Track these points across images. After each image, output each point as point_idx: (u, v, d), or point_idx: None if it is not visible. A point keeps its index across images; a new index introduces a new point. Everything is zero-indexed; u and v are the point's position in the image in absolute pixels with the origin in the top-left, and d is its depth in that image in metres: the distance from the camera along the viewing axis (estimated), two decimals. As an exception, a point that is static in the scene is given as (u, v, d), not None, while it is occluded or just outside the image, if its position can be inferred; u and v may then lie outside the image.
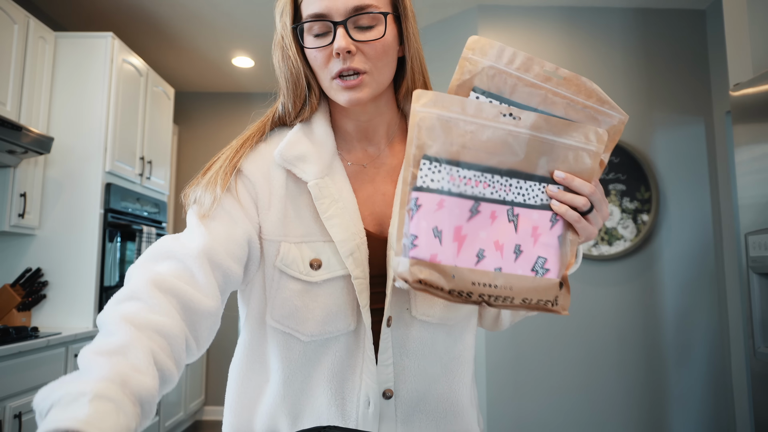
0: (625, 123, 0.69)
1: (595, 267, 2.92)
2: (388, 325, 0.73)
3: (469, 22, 3.13)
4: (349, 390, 0.74)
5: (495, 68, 0.65)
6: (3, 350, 1.99)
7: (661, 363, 2.87)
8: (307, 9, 0.72)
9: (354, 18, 0.70)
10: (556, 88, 0.66)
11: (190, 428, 4.09)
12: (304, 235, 0.73)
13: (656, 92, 3.06)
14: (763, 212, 1.62)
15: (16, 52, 2.50)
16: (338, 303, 0.73)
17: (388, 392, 0.73)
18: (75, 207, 2.75)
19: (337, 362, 0.74)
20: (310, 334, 0.73)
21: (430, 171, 0.61)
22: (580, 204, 0.65)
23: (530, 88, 0.66)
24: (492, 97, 0.66)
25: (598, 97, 0.67)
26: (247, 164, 0.76)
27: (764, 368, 1.61)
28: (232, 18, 3.35)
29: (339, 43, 0.69)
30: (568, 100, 0.66)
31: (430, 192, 0.61)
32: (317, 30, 0.71)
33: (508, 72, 0.65)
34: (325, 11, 0.70)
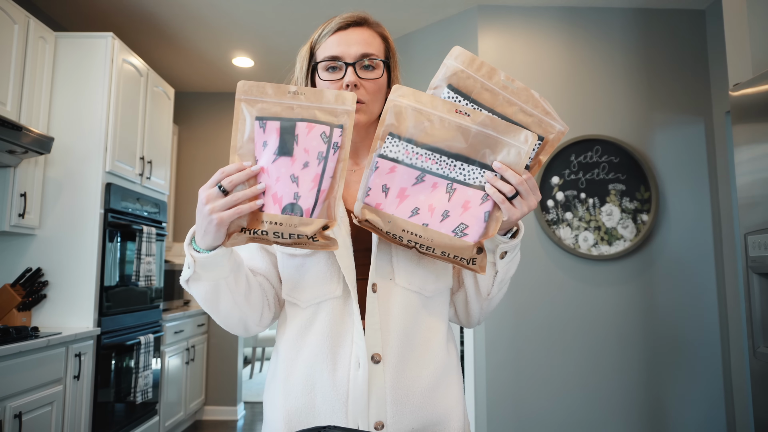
0: (565, 133, 0.83)
1: (595, 267, 2.92)
2: (374, 291, 0.88)
3: (469, 22, 3.13)
4: (342, 352, 0.87)
5: (466, 72, 0.83)
6: (3, 350, 1.99)
7: (661, 363, 2.87)
8: (325, 52, 0.94)
9: (360, 61, 0.93)
10: (511, 95, 0.82)
11: (190, 428, 4.09)
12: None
13: (656, 92, 3.06)
14: (763, 212, 1.62)
15: (16, 52, 2.50)
16: (324, 270, 0.90)
17: (376, 356, 0.86)
18: (75, 207, 2.75)
19: (330, 325, 0.88)
20: (306, 300, 0.91)
21: (391, 144, 0.80)
22: (506, 190, 0.80)
23: (490, 92, 0.83)
24: (460, 95, 0.83)
25: (543, 108, 0.82)
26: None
27: (764, 368, 1.61)
28: (232, 18, 3.35)
29: (349, 77, 0.91)
30: (519, 106, 0.82)
31: (387, 159, 0.81)
32: (331, 67, 0.93)
33: (475, 77, 0.83)
34: (340, 54, 0.93)
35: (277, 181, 0.77)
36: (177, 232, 4.53)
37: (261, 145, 0.78)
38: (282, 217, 0.78)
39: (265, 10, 3.24)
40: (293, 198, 0.78)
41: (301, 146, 0.77)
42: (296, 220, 0.78)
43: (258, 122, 0.78)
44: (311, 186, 0.78)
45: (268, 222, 0.78)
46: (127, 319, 3.01)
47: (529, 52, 3.09)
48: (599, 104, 3.05)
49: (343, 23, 0.94)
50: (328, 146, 0.78)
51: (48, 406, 2.28)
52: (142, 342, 3.06)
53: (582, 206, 2.94)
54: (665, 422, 2.83)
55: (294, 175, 0.77)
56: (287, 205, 0.78)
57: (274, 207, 0.78)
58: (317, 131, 0.78)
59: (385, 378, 0.86)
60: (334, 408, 0.85)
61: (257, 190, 0.77)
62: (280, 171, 0.77)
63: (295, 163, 0.77)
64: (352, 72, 0.91)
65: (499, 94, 0.82)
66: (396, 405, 0.86)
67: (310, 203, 0.78)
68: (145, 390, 3.10)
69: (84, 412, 2.56)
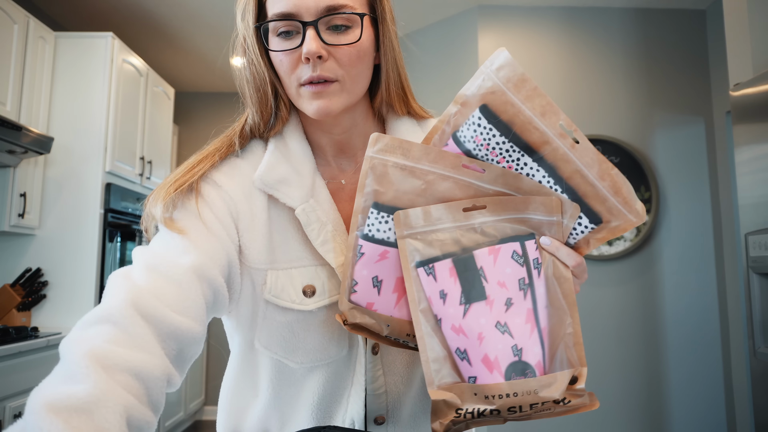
0: (636, 225, 0.61)
1: (595, 267, 2.92)
2: (375, 353, 0.69)
3: (469, 22, 3.13)
4: (335, 414, 0.70)
5: (507, 96, 0.56)
6: (3, 350, 1.99)
7: (661, 363, 2.86)
8: (273, 7, 0.63)
9: (326, 18, 0.61)
10: (569, 150, 0.56)
11: (190, 428, 4.09)
12: (294, 260, 0.67)
13: (656, 92, 3.05)
14: (763, 212, 1.62)
15: (16, 52, 2.50)
16: (332, 330, 0.67)
17: (379, 419, 0.70)
18: (75, 207, 2.75)
19: (326, 387, 0.69)
20: (301, 361, 0.68)
21: (376, 220, 0.59)
22: None
23: (539, 133, 0.56)
24: (496, 125, 0.56)
25: (613, 183, 0.56)
26: (222, 177, 0.67)
27: (764, 368, 1.61)
28: (232, 18, 3.34)
29: (309, 46, 0.60)
30: (577, 168, 0.56)
31: (374, 242, 0.59)
32: (284, 29, 0.63)
33: (520, 107, 0.56)
34: (294, 10, 0.61)
35: (481, 340, 0.56)
36: (177, 232, 4.53)
37: (438, 299, 0.57)
38: (511, 386, 0.55)
39: (265, 10, 3.24)
40: (513, 354, 0.56)
41: (493, 281, 0.57)
42: (533, 384, 0.55)
43: (422, 270, 0.58)
44: (529, 329, 0.56)
45: (495, 396, 0.55)
46: (127, 319, 3.01)
47: (529, 52, 3.09)
48: (599, 104, 3.05)
49: None
50: (527, 268, 0.57)
51: (48, 406, 2.28)
52: (142, 342, 3.05)
53: (582, 206, 2.94)
54: (665, 422, 2.83)
55: (500, 322, 0.56)
56: (510, 366, 0.55)
57: (493, 375, 0.55)
58: (505, 253, 0.57)
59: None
60: None
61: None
62: (479, 323, 0.56)
63: (494, 306, 0.56)
64: (313, 36, 0.60)
65: (551, 140, 0.56)
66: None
67: (539, 353, 0.56)
68: (145, 390, 3.09)
69: (84, 412, 2.55)
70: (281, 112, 0.70)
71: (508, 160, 0.58)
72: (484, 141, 0.57)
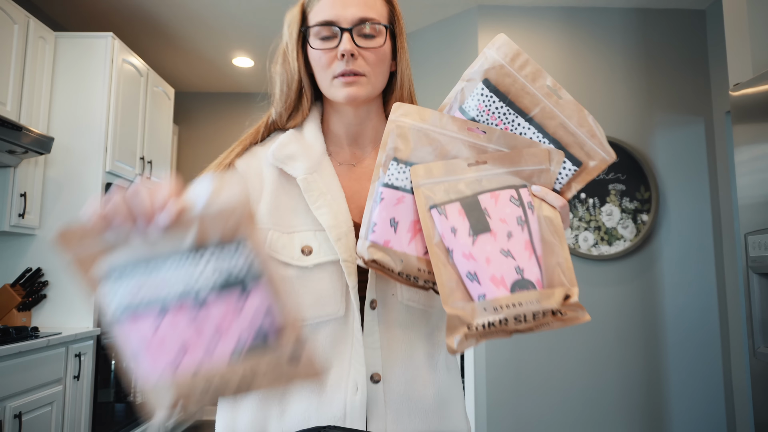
0: (609, 163, 0.72)
1: (595, 267, 2.92)
2: (372, 308, 0.78)
3: (469, 22, 3.14)
4: (337, 376, 0.76)
5: (506, 69, 0.71)
6: (3, 350, 1.99)
7: (661, 363, 2.87)
8: (317, 16, 0.80)
9: (359, 27, 0.79)
10: (554, 106, 0.71)
11: (190, 428, 4.09)
12: (295, 226, 0.79)
13: (656, 92, 3.06)
14: (763, 212, 1.62)
15: (16, 52, 2.50)
16: (328, 287, 0.77)
17: (375, 376, 0.77)
18: (75, 207, 2.75)
19: (326, 348, 0.76)
20: (302, 319, 0.75)
21: (396, 171, 0.71)
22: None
23: (531, 98, 0.71)
24: (496, 94, 0.72)
25: (590, 128, 0.71)
26: (240, 162, 0.85)
27: (764, 368, 1.62)
28: (232, 18, 3.35)
29: (345, 45, 0.78)
30: (561, 121, 0.71)
31: (393, 188, 0.71)
32: (325, 34, 0.80)
33: (516, 76, 0.71)
34: (334, 18, 0.79)
35: (488, 263, 0.66)
36: (177, 232, 4.53)
37: (450, 234, 0.68)
38: (517, 297, 0.65)
39: (265, 10, 3.24)
40: (516, 273, 0.66)
41: (496, 218, 0.68)
42: (534, 295, 0.65)
43: (435, 210, 0.69)
44: (528, 254, 0.67)
45: (503, 307, 0.64)
46: (127, 319, 3.01)
47: (529, 52, 3.09)
48: (599, 104, 3.05)
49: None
50: (523, 209, 0.69)
51: (48, 406, 2.28)
52: (142, 342, 3.05)
53: (582, 206, 2.94)
54: (665, 422, 2.83)
55: (504, 249, 0.67)
56: (515, 282, 0.65)
57: (500, 290, 0.65)
58: (504, 197, 0.69)
59: (386, 399, 0.77)
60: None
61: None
62: (486, 250, 0.66)
63: (498, 236, 0.67)
64: (348, 39, 0.78)
65: (540, 101, 0.71)
66: (398, 425, 0.77)
67: (537, 273, 0.66)
68: (145, 390, 3.10)
69: (84, 412, 2.55)
70: (302, 106, 0.87)
71: (505, 123, 0.73)
72: (486, 108, 0.72)
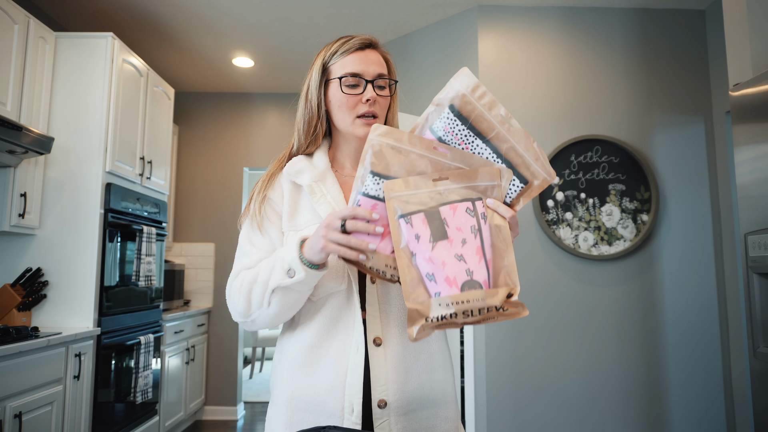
0: (550, 183, 0.87)
1: (595, 267, 2.92)
2: (373, 282, 0.98)
3: (469, 22, 3.13)
4: (343, 338, 0.96)
5: (468, 98, 0.87)
6: (3, 350, 1.99)
7: (661, 363, 2.87)
8: (345, 68, 1.04)
9: (377, 80, 1.04)
10: (507, 132, 0.86)
11: (190, 428, 4.09)
12: (306, 223, 1.02)
13: (656, 92, 3.06)
14: (763, 212, 1.62)
15: (16, 52, 2.50)
16: (332, 268, 0.97)
17: (377, 340, 0.96)
18: (75, 207, 2.75)
19: (333, 314, 0.98)
20: (317, 294, 0.98)
21: (372, 183, 0.85)
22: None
23: (488, 124, 0.87)
24: (459, 118, 0.87)
25: (535, 152, 0.86)
26: (270, 192, 1.09)
27: (764, 368, 1.61)
28: (232, 18, 3.35)
29: (370, 93, 1.02)
30: (511, 144, 0.86)
31: (369, 198, 0.85)
32: (351, 83, 1.03)
33: (475, 105, 0.86)
34: (361, 72, 1.03)
35: (444, 266, 0.79)
36: (177, 232, 4.54)
37: (414, 240, 0.81)
38: (465, 295, 0.78)
39: (265, 10, 3.24)
40: (467, 275, 0.79)
41: (453, 227, 0.81)
42: (480, 294, 0.78)
43: (402, 220, 0.82)
44: (478, 259, 0.80)
45: (453, 303, 0.78)
46: (127, 319, 3.01)
47: (529, 52, 3.09)
48: (599, 104, 3.05)
49: (361, 44, 1.06)
50: (477, 219, 0.82)
51: (48, 406, 2.28)
52: (142, 342, 3.06)
53: (582, 206, 2.94)
54: (665, 422, 2.83)
55: (458, 254, 0.80)
56: (464, 283, 0.79)
57: (452, 289, 0.79)
58: (461, 209, 0.83)
59: (387, 359, 0.95)
60: (333, 387, 0.94)
61: (366, 246, 0.83)
62: (443, 255, 0.80)
63: (454, 243, 0.80)
64: (371, 88, 1.03)
65: (495, 127, 0.86)
66: (397, 383, 0.94)
67: (485, 275, 0.80)
68: (145, 390, 3.10)
69: (84, 412, 2.55)
70: (318, 140, 1.10)
71: (466, 143, 0.88)
72: (450, 129, 0.88)
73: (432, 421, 0.97)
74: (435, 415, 0.98)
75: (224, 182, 4.60)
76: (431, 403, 0.97)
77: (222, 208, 4.57)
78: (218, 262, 4.52)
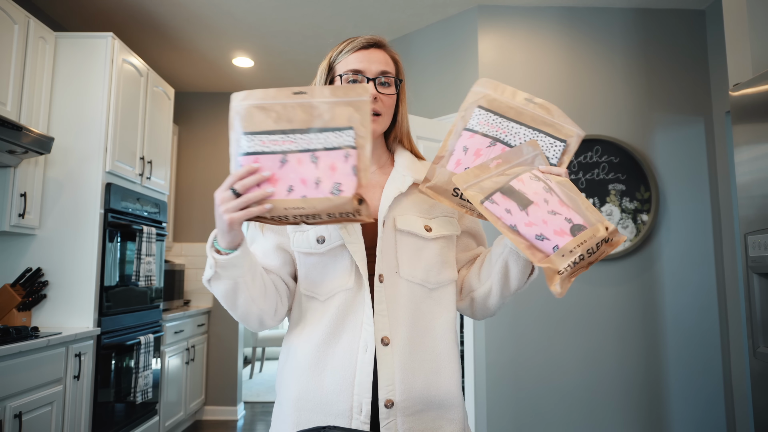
0: (582, 137, 0.96)
1: (595, 267, 2.92)
2: (381, 281, 0.97)
3: (469, 22, 3.13)
4: (352, 338, 0.95)
5: (491, 96, 0.97)
6: (3, 350, 1.99)
7: (661, 363, 2.87)
8: (348, 65, 1.03)
9: (380, 78, 1.03)
10: (533, 110, 0.97)
11: (190, 428, 4.09)
12: (313, 224, 1.00)
13: (656, 92, 3.06)
14: (763, 212, 1.62)
15: (16, 52, 2.50)
16: (338, 266, 0.98)
17: (385, 339, 0.95)
18: (75, 207, 2.75)
19: (342, 313, 0.97)
20: (324, 293, 0.99)
21: (247, 140, 0.87)
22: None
23: (515, 110, 0.96)
24: (490, 112, 0.97)
25: (561, 116, 0.96)
26: None
27: (764, 368, 1.61)
28: (232, 18, 3.35)
29: (371, 90, 0.99)
30: (540, 118, 0.96)
31: (248, 155, 0.86)
32: (352, 80, 1.02)
33: (500, 99, 0.97)
34: (363, 69, 1.02)
35: (546, 224, 0.86)
36: (177, 232, 4.54)
37: (507, 214, 0.89)
38: (579, 237, 0.85)
39: (265, 10, 3.24)
40: (568, 222, 0.86)
41: (530, 192, 0.89)
42: (589, 232, 0.85)
43: (487, 202, 0.90)
44: (566, 209, 0.88)
45: (576, 247, 0.84)
46: (127, 319, 3.01)
47: (529, 52, 3.09)
48: (599, 104, 3.05)
49: (365, 43, 1.05)
50: (543, 182, 0.91)
51: (48, 406, 2.28)
52: (142, 342, 3.06)
53: (582, 206, 2.94)
54: (665, 422, 2.83)
55: (549, 210, 0.87)
56: (572, 228, 0.85)
57: (565, 238, 0.85)
58: (526, 178, 0.91)
59: (394, 359, 0.94)
60: (341, 387, 0.93)
61: (266, 193, 0.83)
62: (539, 215, 0.87)
63: (540, 205, 0.88)
64: (373, 86, 1.02)
65: (522, 110, 0.97)
66: (404, 384, 0.94)
67: (580, 218, 0.87)
68: (145, 390, 3.10)
69: (84, 412, 2.56)
70: None
71: (502, 128, 0.97)
72: (486, 122, 0.97)
73: (438, 422, 0.97)
74: (441, 416, 0.97)
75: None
76: (438, 404, 0.97)
77: (222, 208, 4.56)
78: (218, 262, 4.51)
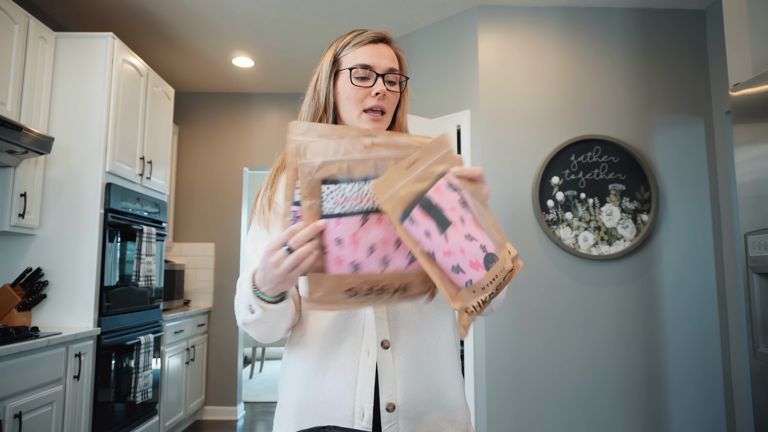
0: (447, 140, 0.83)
1: (595, 267, 2.92)
2: None
3: (469, 22, 3.13)
4: (353, 342, 0.95)
5: (327, 161, 0.77)
6: (3, 350, 1.99)
7: (661, 363, 2.87)
8: (356, 60, 1.01)
9: (388, 74, 1.01)
10: (378, 152, 0.79)
11: (190, 428, 4.09)
12: None
13: (656, 92, 3.06)
14: (763, 212, 1.62)
15: (16, 52, 2.50)
16: None
17: (385, 342, 0.95)
18: (75, 207, 2.75)
19: (343, 319, 0.96)
20: None
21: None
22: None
23: (361, 162, 0.78)
24: (342, 181, 0.78)
25: (417, 142, 0.82)
26: (275, 196, 1.04)
27: (764, 368, 1.61)
28: (232, 18, 3.35)
29: (380, 87, 0.99)
30: (393, 153, 0.80)
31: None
32: (361, 75, 1.00)
33: (339, 159, 0.77)
34: (372, 64, 1.00)
35: (464, 252, 0.77)
36: (177, 232, 4.54)
37: (425, 237, 0.77)
38: (492, 272, 0.77)
39: (265, 10, 3.24)
40: (482, 251, 0.77)
41: (447, 209, 0.78)
42: (500, 264, 0.77)
43: (407, 222, 0.78)
44: (479, 231, 0.78)
45: (488, 284, 0.76)
46: (127, 319, 3.01)
47: (529, 52, 3.09)
48: (599, 104, 3.05)
49: (374, 38, 1.03)
50: (459, 192, 0.79)
51: (48, 406, 2.28)
52: (142, 342, 3.05)
53: (582, 206, 2.94)
54: (665, 422, 2.83)
55: (466, 234, 0.77)
56: (485, 259, 0.77)
57: (479, 271, 0.76)
58: (443, 187, 0.79)
59: (395, 362, 0.94)
60: (343, 392, 0.92)
61: (313, 245, 0.76)
62: (457, 241, 0.77)
63: (457, 225, 0.77)
64: (382, 82, 1.00)
65: (369, 159, 0.83)
66: (405, 387, 0.93)
67: (490, 243, 0.78)
68: (145, 390, 3.10)
69: (84, 412, 2.55)
70: None
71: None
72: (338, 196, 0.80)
73: (440, 424, 0.96)
74: (444, 418, 0.97)
75: (224, 182, 4.60)
76: (439, 407, 0.96)
77: (222, 208, 4.57)
78: (218, 262, 4.52)
